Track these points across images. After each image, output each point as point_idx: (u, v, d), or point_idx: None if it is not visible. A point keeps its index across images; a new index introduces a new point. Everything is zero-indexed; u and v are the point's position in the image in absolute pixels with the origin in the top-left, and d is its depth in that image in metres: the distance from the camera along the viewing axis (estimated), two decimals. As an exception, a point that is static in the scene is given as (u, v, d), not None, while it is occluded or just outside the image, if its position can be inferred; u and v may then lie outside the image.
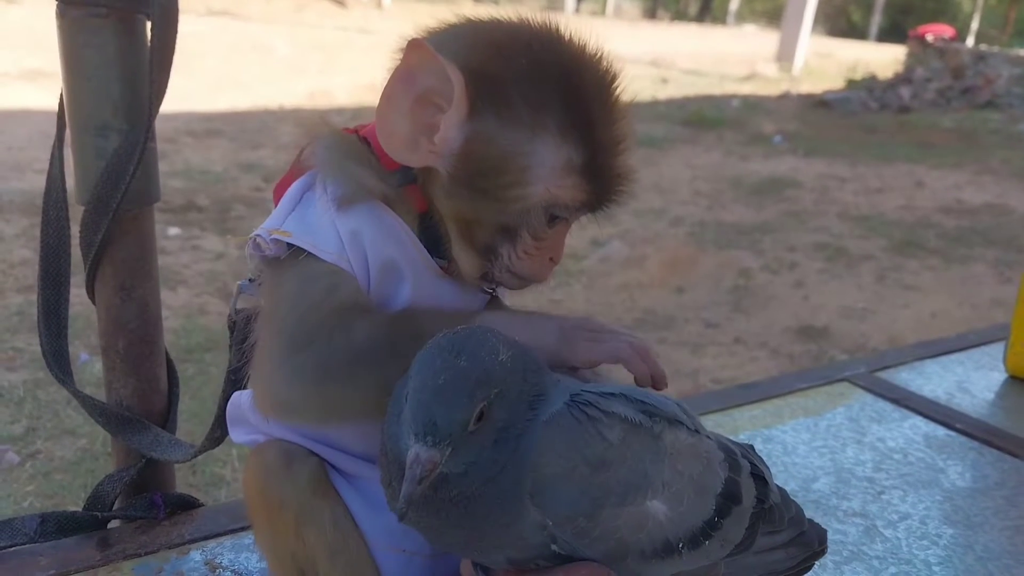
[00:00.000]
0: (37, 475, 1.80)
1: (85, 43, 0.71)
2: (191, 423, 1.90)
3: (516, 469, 0.50)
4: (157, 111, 0.71)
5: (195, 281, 2.89)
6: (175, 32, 0.72)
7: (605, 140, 0.56)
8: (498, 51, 0.55)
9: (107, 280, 0.76)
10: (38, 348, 0.81)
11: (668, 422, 0.55)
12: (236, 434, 0.68)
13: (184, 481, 1.81)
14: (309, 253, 0.56)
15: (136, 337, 0.79)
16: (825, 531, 0.68)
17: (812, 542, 0.66)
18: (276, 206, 0.60)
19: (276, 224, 0.58)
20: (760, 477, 0.62)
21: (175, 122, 5.01)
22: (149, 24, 0.72)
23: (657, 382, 0.59)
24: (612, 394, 0.54)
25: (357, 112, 5.68)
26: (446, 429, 0.46)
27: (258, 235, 0.57)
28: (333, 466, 0.63)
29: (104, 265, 0.76)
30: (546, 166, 0.54)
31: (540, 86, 0.54)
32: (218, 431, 0.78)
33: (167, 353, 0.84)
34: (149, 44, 0.71)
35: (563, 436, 0.51)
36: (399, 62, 0.54)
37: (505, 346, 0.50)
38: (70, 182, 0.78)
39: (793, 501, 0.67)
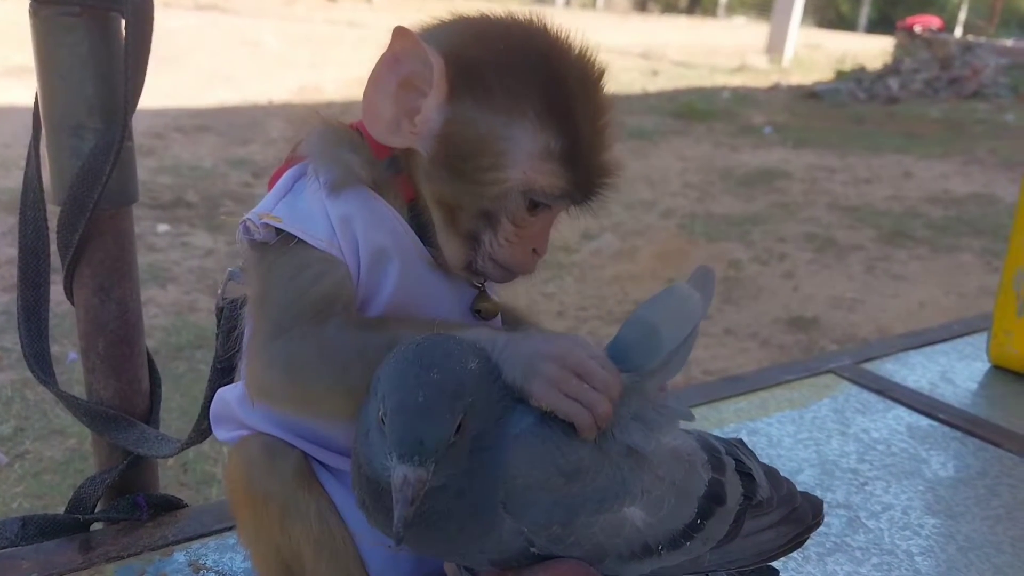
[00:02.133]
0: (26, 476, 1.79)
1: (58, 42, 0.70)
2: (181, 420, 1.90)
3: (489, 480, 0.50)
4: (133, 110, 0.71)
5: (185, 278, 2.87)
6: (150, 30, 0.71)
7: (585, 131, 0.57)
8: (479, 38, 0.57)
9: (85, 281, 0.76)
10: (24, 349, 0.80)
11: (649, 428, 0.55)
12: (220, 432, 0.67)
13: (175, 480, 1.80)
14: (299, 240, 0.56)
15: (116, 338, 0.78)
16: (821, 502, 0.67)
17: (805, 516, 0.65)
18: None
19: (267, 209, 0.58)
20: (747, 474, 0.62)
21: (164, 118, 4.97)
22: (124, 22, 0.72)
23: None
24: None
25: (347, 106, 5.65)
26: (432, 447, 0.46)
27: (248, 219, 0.58)
28: (317, 460, 0.63)
29: (82, 266, 0.76)
30: (523, 151, 0.55)
31: (519, 73, 0.56)
32: (205, 423, 0.77)
33: (149, 354, 0.84)
34: (124, 42, 0.71)
35: (537, 447, 0.51)
36: (386, 48, 0.56)
37: (471, 354, 0.50)
38: (47, 182, 0.77)
39: (785, 479, 0.66)
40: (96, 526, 0.83)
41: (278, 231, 0.57)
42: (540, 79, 0.56)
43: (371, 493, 0.51)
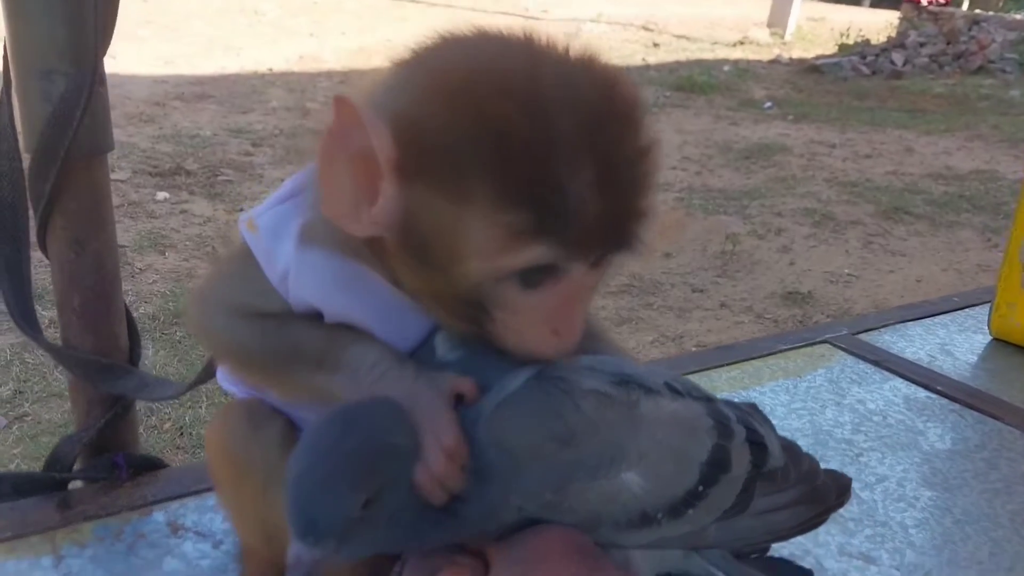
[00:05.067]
0: (24, 438, 1.78)
1: (26, -17, 0.67)
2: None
3: (478, 450, 0.48)
4: (104, 52, 0.68)
5: (183, 245, 2.86)
6: (121, -29, 0.68)
7: (582, 182, 0.45)
8: (435, 94, 0.45)
9: (59, 233, 0.74)
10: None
11: (645, 391, 0.53)
12: (223, 377, 0.65)
13: (172, 443, 1.80)
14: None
15: (92, 294, 0.76)
16: (849, 481, 0.63)
17: (827, 496, 0.61)
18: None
19: (260, 211, 0.56)
20: (758, 443, 0.59)
21: (164, 86, 4.93)
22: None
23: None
24: (584, 368, 0.52)
25: (345, 75, 5.60)
26: (326, 528, 0.44)
27: (243, 215, 0.56)
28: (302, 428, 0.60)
29: (55, 217, 0.73)
30: (479, 235, 0.45)
31: (471, 138, 0.44)
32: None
33: (127, 309, 0.81)
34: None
35: (526, 412, 0.49)
36: (331, 120, 0.46)
37: (403, 425, 0.47)
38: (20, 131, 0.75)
39: (807, 454, 0.63)
40: (76, 485, 0.81)
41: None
42: (499, 140, 0.44)
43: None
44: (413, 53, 0.49)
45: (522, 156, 0.44)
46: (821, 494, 0.61)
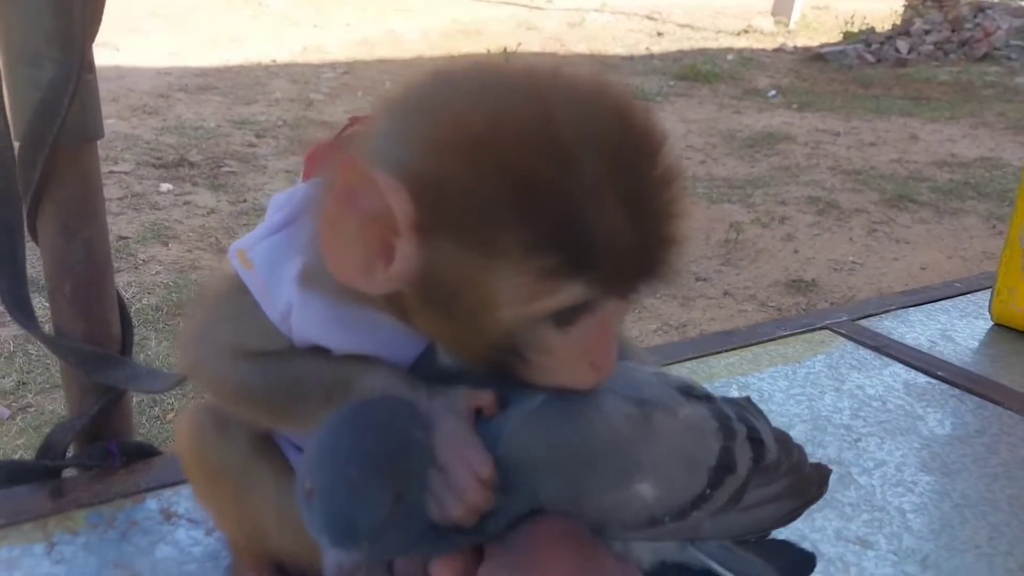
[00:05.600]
0: (27, 428, 1.78)
1: (13, -33, 0.67)
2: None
3: (499, 463, 0.48)
4: (92, 39, 0.67)
5: (187, 237, 2.85)
6: (108, -44, 0.68)
7: (602, 224, 0.44)
8: (452, 153, 0.44)
9: (49, 220, 0.73)
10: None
11: (659, 401, 0.53)
12: None
13: (173, 434, 1.79)
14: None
15: (83, 280, 0.76)
16: (828, 472, 0.63)
17: (809, 488, 0.61)
18: (304, 178, 0.55)
19: (251, 243, 0.54)
20: (757, 439, 0.59)
21: (168, 77, 4.92)
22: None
23: None
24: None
25: (350, 66, 5.59)
26: (364, 529, 0.43)
27: (231, 250, 0.55)
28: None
29: (45, 204, 0.73)
30: (510, 284, 0.44)
31: (499, 192, 0.43)
32: None
33: (120, 296, 0.81)
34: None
35: (551, 430, 0.49)
36: (336, 181, 0.44)
37: (415, 420, 0.46)
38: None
39: (797, 445, 0.62)
40: (70, 473, 0.81)
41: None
42: (525, 188, 0.43)
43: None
44: (406, 95, 0.48)
45: (549, 200, 0.43)
46: (806, 485, 0.61)
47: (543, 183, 0.43)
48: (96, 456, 0.79)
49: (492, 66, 0.48)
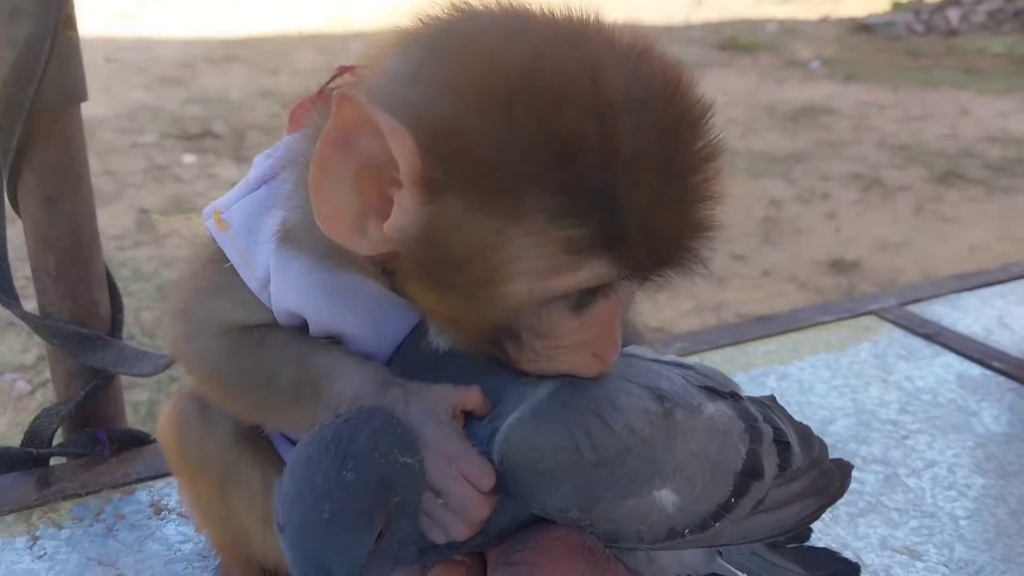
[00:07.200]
0: (47, 404, 1.77)
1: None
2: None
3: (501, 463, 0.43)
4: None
5: (210, 209, 2.85)
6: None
7: (636, 199, 0.39)
8: (480, 102, 0.38)
9: (30, 190, 0.68)
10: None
11: (679, 401, 0.48)
12: None
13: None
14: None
15: (68, 256, 0.71)
16: (850, 467, 0.59)
17: (831, 484, 0.57)
18: (289, 131, 0.50)
19: (228, 202, 0.49)
20: (783, 442, 0.54)
21: (193, 48, 4.93)
22: None
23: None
24: (614, 376, 0.46)
25: (376, 37, 5.54)
26: (343, 573, 0.38)
27: (206, 211, 0.50)
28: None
29: (25, 172, 0.68)
30: (529, 256, 0.39)
31: (533, 152, 0.38)
32: None
33: (109, 274, 0.76)
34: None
35: (552, 432, 0.44)
36: (330, 120, 0.39)
37: (403, 442, 0.41)
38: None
39: (818, 438, 0.58)
40: (59, 461, 0.77)
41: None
42: (563, 151, 0.37)
43: None
44: (424, 29, 0.42)
45: (586, 165, 0.38)
46: (828, 481, 0.56)
47: (584, 145, 0.38)
48: (84, 444, 0.75)
49: (528, 6, 0.42)
